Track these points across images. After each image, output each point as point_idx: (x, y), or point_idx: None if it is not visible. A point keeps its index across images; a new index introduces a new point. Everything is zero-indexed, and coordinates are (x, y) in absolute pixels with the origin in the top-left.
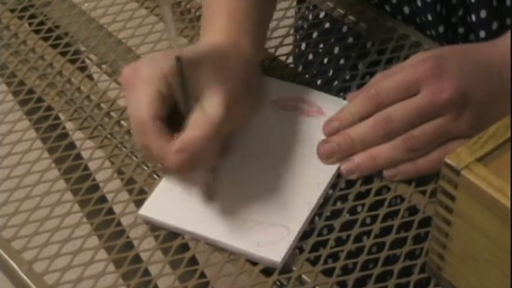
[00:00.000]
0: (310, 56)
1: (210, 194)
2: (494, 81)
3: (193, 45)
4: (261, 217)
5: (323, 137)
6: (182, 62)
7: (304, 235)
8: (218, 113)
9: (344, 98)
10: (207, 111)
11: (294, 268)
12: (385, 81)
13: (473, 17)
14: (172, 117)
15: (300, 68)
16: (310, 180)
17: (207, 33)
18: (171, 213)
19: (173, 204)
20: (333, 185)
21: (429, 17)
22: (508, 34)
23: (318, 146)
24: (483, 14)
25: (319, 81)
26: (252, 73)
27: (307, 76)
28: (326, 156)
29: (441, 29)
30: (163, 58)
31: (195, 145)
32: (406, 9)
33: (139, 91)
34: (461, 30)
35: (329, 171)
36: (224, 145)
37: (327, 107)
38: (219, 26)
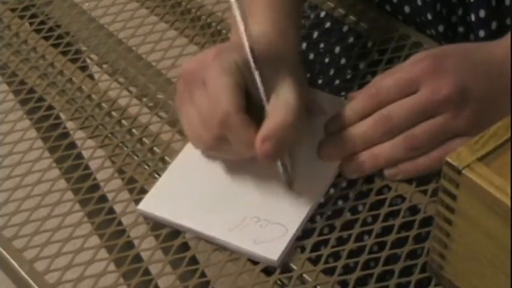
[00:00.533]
0: (311, 56)
1: (289, 182)
2: (494, 79)
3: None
4: (259, 215)
5: (323, 136)
6: (255, 52)
7: (306, 234)
8: (295, 99)
9: (345, 98)
10: (284, 98)
11: (295, 267)
12: (385, 80)
13: (473, 17)
14: (249, 110)
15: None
16: (310, 179)
17: (253, 23)
18: (169, 209)
19: (172, 200)
20: (334, 184)
21: (429, 16)
22: (509, 34)
23: (319, 145)
24: (482, 13)
25: (320, 81)
26: (299, 60)
27: (308, 76)
28: (326, 155)
29: (441, 28)
30: (232, 51)
31: (280, 132)
32: (407, 9)
33: (216, 83)
34: (461, 29)
35: (329, 170)
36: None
37: (328, 106)
38: (262, 18)
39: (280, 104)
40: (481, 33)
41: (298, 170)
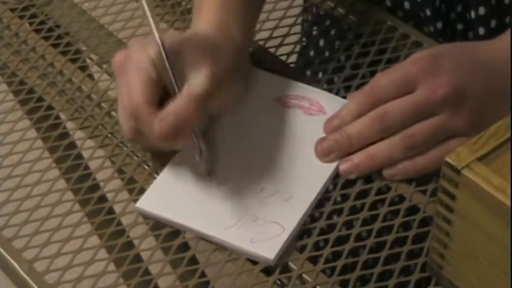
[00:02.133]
0: (311, 53)
1: (206, 169)
2: (492, 78)
3: (182, 33)
4: (257, 214)
5: (323, 135)
6: (165, 45)
7: (305, 234)
8: (201, 86)
9: (345, 97)
10: (190, 82)
11: (294, 267)
12: (382, 78)
13: (472, 14)
14: (165, 103)
15: (301, 67)
16: (308, 179)
17: (197, 21)
18: (167, 207)
19: (169, 199)
20: (334, 184)
21: (428, 12)
22: (508, 33)
23: (316, 144)
24: (482, 11)
25: (320, 80)
26: (241, 60)
27: (308, 75)
28: (323, 154)
29: (439, 25)
30: (149, 43)
31: (175, 113)
32: (407, 5)
33: (131, 76)
34: (459, 26)
35: (327, 170)
36: (209, 125)
37: (328, 105)
38: (209, 14)
39: (185, 89)
40: (481, 31)
41: (294, 169)
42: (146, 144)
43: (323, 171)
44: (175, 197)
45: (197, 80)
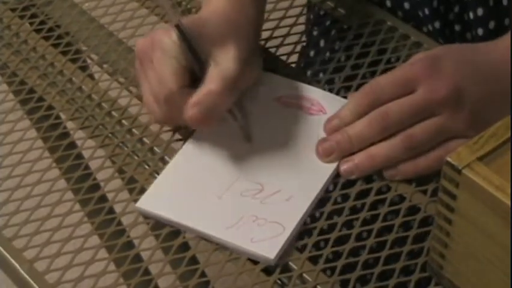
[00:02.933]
0: (312, 53)
1: (247, 136)
2: (491, 80)
3: (199, 13)
4: (257, 213)
5: (324, 135)
6: (183, 28)
7: (306, 234)
8: (232, 65)
9: (345, 97)
10: (222, 66)
11: (295, 267)
12: (382, 78)
13: (471, 15)
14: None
15: (302, 67)
16: (308, 178)
17: (210, 1)
18: (168, 207)
19: (170, 199)
20: (334, 183)
21: (427, 12)
22: (508, 35)
23: (317, 145)
24: (480, 12)
25: (320, 80)
26: (257, 34)
27: (308, 75)
28: (324, 155)
29: (437, 24)
30: (171, 28)
31: (209, 98)
32: (406, 5)
33: (159, 64)
34: (457, 27)
35: (327, 169)
36: (241, 98)
37: (328, 105)
38: None
39: (216, 72)
40: (479, 32)
41: (294, 169)
42: (177, 124)
43: (323, 171)
44: (175, 196)
45: (227, 63)
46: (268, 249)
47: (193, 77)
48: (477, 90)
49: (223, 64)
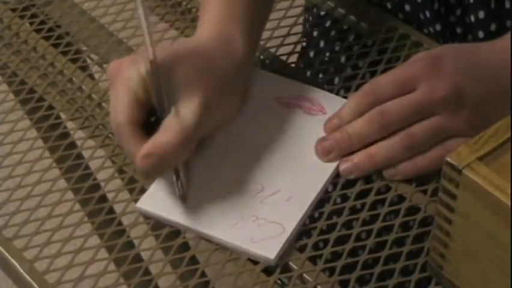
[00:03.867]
0: (312, 54)
1: (182, 196)
2: (491, 80)
3: (177, 42)
4: (257, 214)
5: (323, 135)
6: (156, 65)
7: (305, 234)
8: (192, 118)
9: (345, 97)
10: (181, 115)
11: (295, 267)
12: (382, 78)
13: (472, 18)
14: (153, 122)
15: (302, 67)
16: (308, 178)
17: (199, 28)
18: (167, 207)
19: (170, 199)
20: (334, 183)
21: (428, 14)
22: (508, 35)
23: (316, 144)
24: (481, 14)
25: (320, 79)
26: (240, 72)
27: (308, 74)
28: (324, 154)
29: (438, 27)
30: (142, 58)
31: (163, 150)
32: (407, 7)
33: (118, 93)
34: (459, 30)
35: (327, 169)
36: (196, 148)
37: (328, 105)
38: (211, 21)
39: (175, 121)
40: (480, 34)
41: (294, 169)
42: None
43: (323, 171)
44: (175, 197)
45: (188, 113)
46: (268, 249)
47: (148, 112)
48: (477, 89)
49: (183, 114)
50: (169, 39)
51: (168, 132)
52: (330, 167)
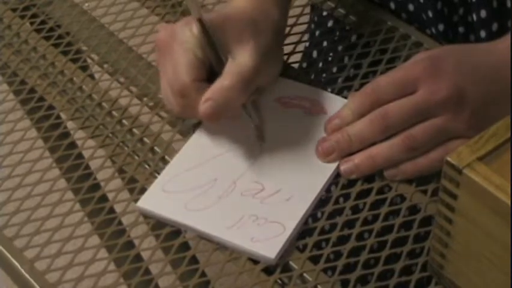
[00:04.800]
0: (315, 54)
1: (260, 136)
2: (492, 80)
3: (221, 9)
4: (257, 213)
5: (324, 135)
6: (205, 22)
7: (306, 233)
8: (249, 63)
9: (346, 97)
10: (238, 61)
11: (295, 267)
12: (383, 79)
13: (474, 17)
14: (213, 80)
15: (304, 67)
16: (308, 178)
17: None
18: (168, 206)
19: (170, 198)
20: (335, 183)
21: (430, 14)
22: (508, 36)
23: (317, 145)
24: (483, 13)
25: (323, 79)
26: (279, 38)
27: (309, 75)
28: (324, 154)
29: (441, 27)
30: (192, 21)
31: (222, 94)
32: (411, 7)
33: (177, 55)
34: (461, 29)
35: (328, 169)
36: (257, 96)
37: (329, 105)
38: None
39: (232, 67)
40: (482, 34)
41: (295, 169)
42: (194, 117)
43: (324, 171)
44: (176, 196)
45: (244, 58)
46: (269, 249)
47: (210, 71)
48: (477, 90)
49: (239, 59)
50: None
51: (226, 76)
52: (330, 167)
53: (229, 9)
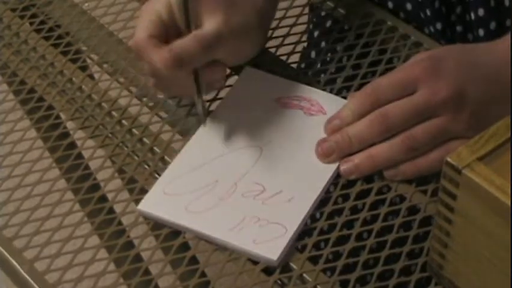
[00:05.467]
0: (313, 54)
1: (204, 111)
2: (492, 81)
3: None
4: (259, 215)
5: (323, 135)
6: None
7: (306, 234)
8: (212, 31)
9: (345, 98)
10: (203, 28)
11: (295, 267)
12: (383, 79)
13: (472, 15)
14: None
15: (302, 67)
16: (309, 179)
17: None
18: (169, 209)
19: (171, 201)
20: (335, 183)
21: (428, 13)
22: (508, 36)
23: (317, 145)
24: (481, 12)
25: (321, 81)
26: (259, 20)
27: (308, 75)
28: (324, 155)
29: (439, 25)
30: None
31: (181, 46)
32: (408, 6)
33: (143, 16)
34: (459, 28)
35: (328, 170)
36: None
37: (328, 106)
38: None
39: (196, 32)
40: (480, 33)
41: (295, 169)
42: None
43: (324, 171)
44: (176, 198)
45: (209, 26)
46: (271, 250)
47: (171, 36)
48: (478, 90)
49: (205, 27)
50: None
51: (188, 37)
52: (331, 168)
53: None
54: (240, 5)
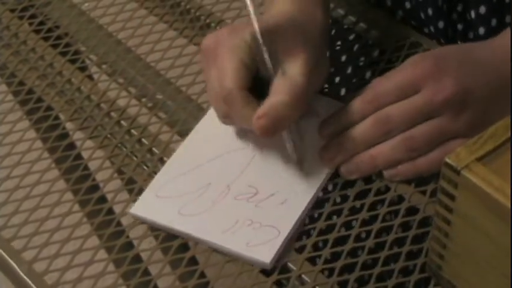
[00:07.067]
0: None
1: (299, 158)
2: (493, 80)
3: (267, 16)
4: (252, 218)
5: (316, 138)
6: (261, 32)
7: (304, 235)
8: (300, 76)
9: (345, 98)
10: (290, 75)
11: (294, 268)
12: (383, 80)
13: (473, 13)
14: (254, 88)
15: None
16: (302, 182)
17: (276, 3)
18: (162, 212)
19: (164, 204)
20: (334, 184)
21: (430, 12)
22: (506, 32)
23: (321, 150)
24: (482, 9)
25: None
26: (325, 39)
27: None
28: (329, 159)
29: (441, 24)
30: (245, 28)
31: (277, 110)
32: (407, 4)
33: (224, 61)
34: (460, 26)
35: (321, 172)
36: (307, 106)
37: (322, 108)
38: None
39: (284, 81)
40: (481, 31)
41: (288, 172)
42: (238, 125)
43: (318, 173)
44: (169, 202)
45: (295, 72)
46: (264, 253)
47: (253, 79)
48: (479, 90)
49: (291, 74)
50: (167, 40)
51: (280, 92)
52: (324, 170)
53: (276, 14)
54: (311, 32)
